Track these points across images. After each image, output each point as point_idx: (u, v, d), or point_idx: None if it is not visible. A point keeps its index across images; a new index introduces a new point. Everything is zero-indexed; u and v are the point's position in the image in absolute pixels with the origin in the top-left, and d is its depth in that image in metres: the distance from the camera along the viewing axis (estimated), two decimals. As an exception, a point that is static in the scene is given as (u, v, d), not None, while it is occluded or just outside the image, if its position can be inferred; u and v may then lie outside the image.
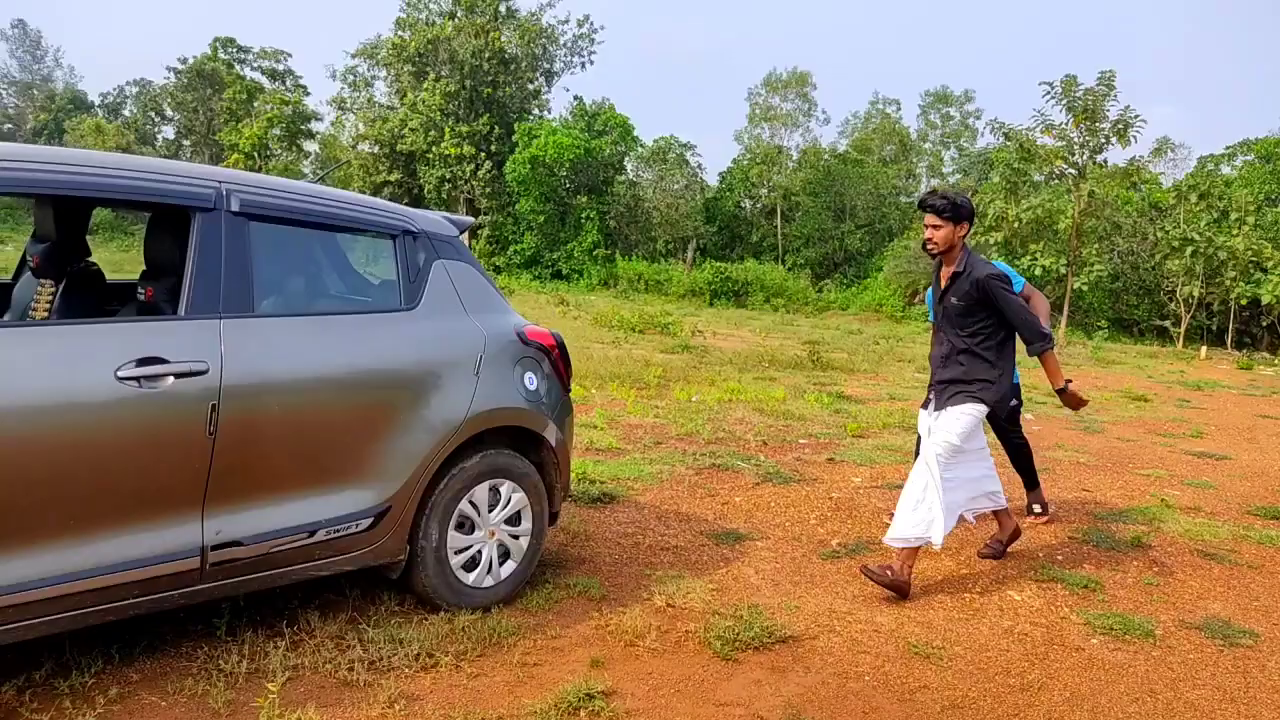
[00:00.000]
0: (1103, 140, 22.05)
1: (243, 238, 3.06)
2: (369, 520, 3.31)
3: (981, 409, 4.33)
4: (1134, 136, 21.42)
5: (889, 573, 4.19)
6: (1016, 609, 4.21)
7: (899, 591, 4.19)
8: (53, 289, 3.53)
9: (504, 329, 3.86)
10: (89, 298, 3.52)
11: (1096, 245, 26.18)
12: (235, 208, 3.05)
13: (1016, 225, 24.82)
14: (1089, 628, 4.02)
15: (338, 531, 3.22)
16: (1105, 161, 22.75)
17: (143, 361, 2.71)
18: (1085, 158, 22.54)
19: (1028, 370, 16.38)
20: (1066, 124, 22.18)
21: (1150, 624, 4.07)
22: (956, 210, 4.24)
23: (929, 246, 4.35)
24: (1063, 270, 24.17)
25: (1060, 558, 5.00)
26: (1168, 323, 28.75)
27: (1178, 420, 10.81)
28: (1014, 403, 5.46)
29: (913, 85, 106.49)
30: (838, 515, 5.55)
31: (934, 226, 4.27)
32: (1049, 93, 21.91)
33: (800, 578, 4.44)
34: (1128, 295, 30.49)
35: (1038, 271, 25.08)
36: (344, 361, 3.28)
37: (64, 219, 3.55)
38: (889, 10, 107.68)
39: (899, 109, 50.21)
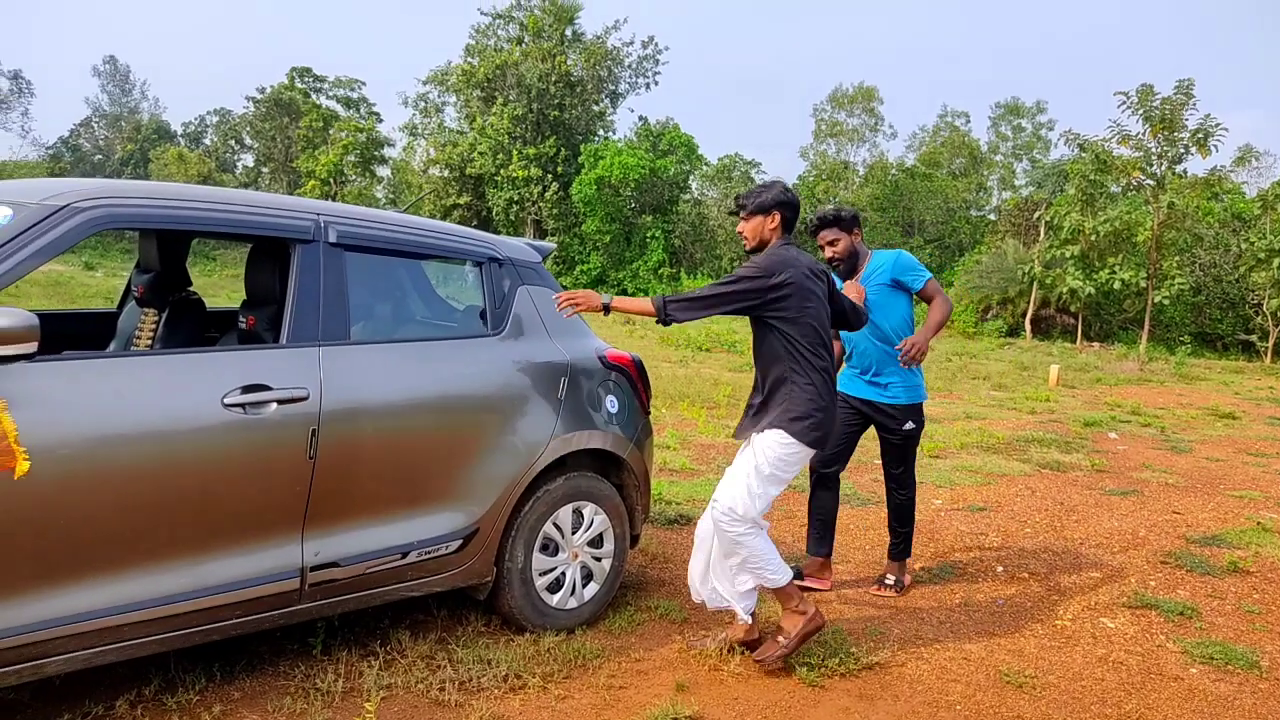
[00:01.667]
0: (1182, 150, 21.42)
1: (340, 268, 3.16)
2: (458, 542, 3.37)
3: (784, 439, 3.49)
4: (1215, 146, 20.78)
5: (779, 644, 3.56)
6: (1110, 636, 4.09)
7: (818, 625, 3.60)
8: (156, 317, 3.69)
9: (586, 352, 3.90)
10: (191, 326, 3.67)
11: (1177, 258, 25.41)
12: (333, 239, 3.15)
13: (1094, 238, 24.22)
14: (1187, 657, 3.89)
15: (428, 553, 3.29)
16: (1185, 172, 22.10)
17: (248, 389, 2.81)
18: (1164, 168, 21.92)
19: (1110, 387, 15.96)
20: (1143, 134, 21.62)
21: (1254, 654, 3.92)
22: (756, 201, 3.64)
23: (744, 244, 3.75)
24: (1143, 284, 23.49)
25: (1153, 583, 4.84)
26: (1254, 337, 27.71)
27: (1269, 439, 10.41)
28: (909, 426, 4.47)
29: (982, 97, 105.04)
30: (919, 538, 5.45)
31: (744, 220, 3.70)
32: (1124, 102, 21.39)
33: (884, 602, 4.38)
34: (1210, 309, 29.51)
35: (1116, 285, 24.46)
36: (435, 386, 3.36)
37: (167, 250, 3.70)
38: (956, 22, 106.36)
39: (968, 121, 49.60)
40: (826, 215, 4.41)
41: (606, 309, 3.45)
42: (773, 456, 3.48)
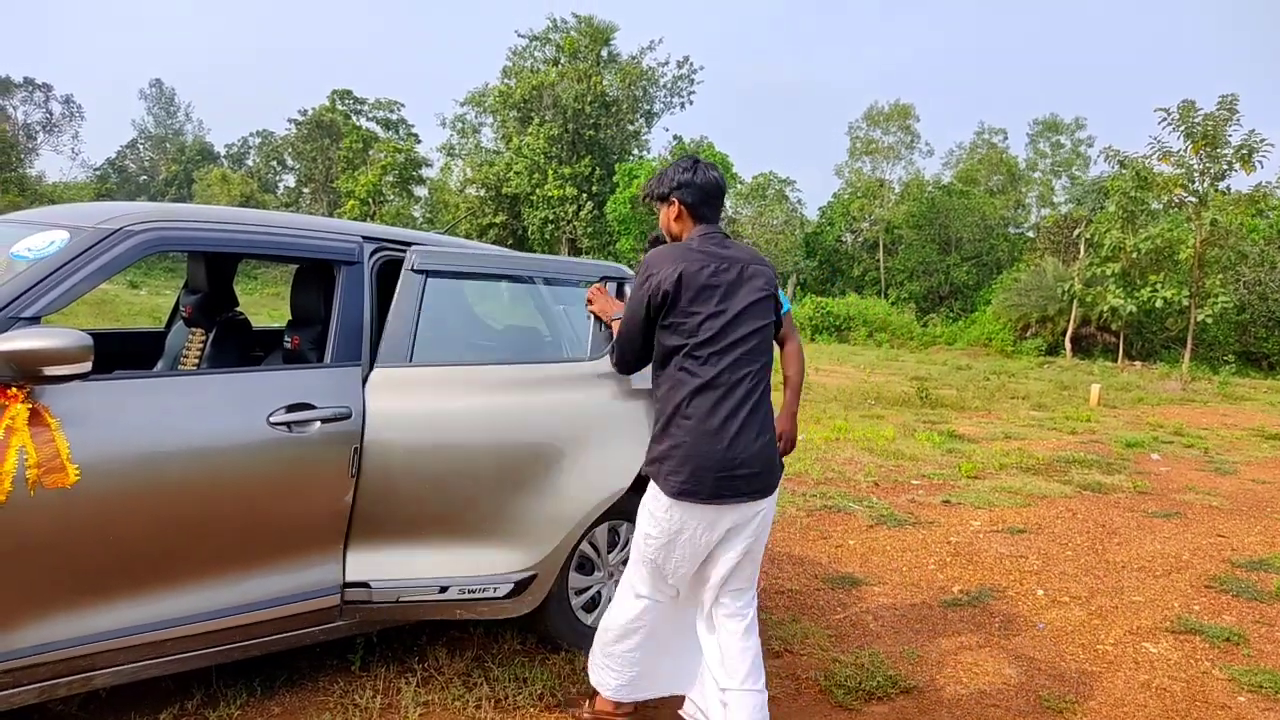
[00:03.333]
0: (1225, 166, 21.14)
1: (419, 293, 3.18)
2: (509, 587, 3.20)
3: (654, 495, 2.74)
4: (1260, 162, 20.48)
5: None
6: (1153, 662, 4.02)
7: None
8: (204, 337, 3.77)
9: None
10: (237, 345, 3.74)
11: (1220, 275, 24.98)
12: (416, 265, 3.17)
13: (1135, 256, 23.91)
14: (1235, 684, 3.81)
15: (472, 593, 3.17)
16: (1228, 188, 21.79)
17: (293, 408, 2.86)
18: (1206, 185, 21.63)
19: (1152, 407, 15.66)
20: (1185, 150, 21.35)
21: (1304, 682, 3.83)
22: (654, 190, 2.98)
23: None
24: (1185, 302, 23.14)
25: (1197, 608, 4.76)
26: (1302, 356, 27.17)
27: (1320, 461, 10.18)
28: None
29: (1020, 114, 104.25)
30: (958, 561, 5.41)
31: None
32: (1165, 119, 21.16)
33: (922, 625, 4.34)
34: (1256, 327, 28.99)
35: (1158, 303, 24.11)
36: (503, 413, 3.23)
37: (215, 272, 3.79)
38: (992, 39, 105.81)
39: (1006, 138, 49.29)
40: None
41: (611, 324, 3.21)
42: (646, 509, 2.79)
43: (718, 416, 2.64)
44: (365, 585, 3.04)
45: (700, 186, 2.86)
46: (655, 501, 2.72)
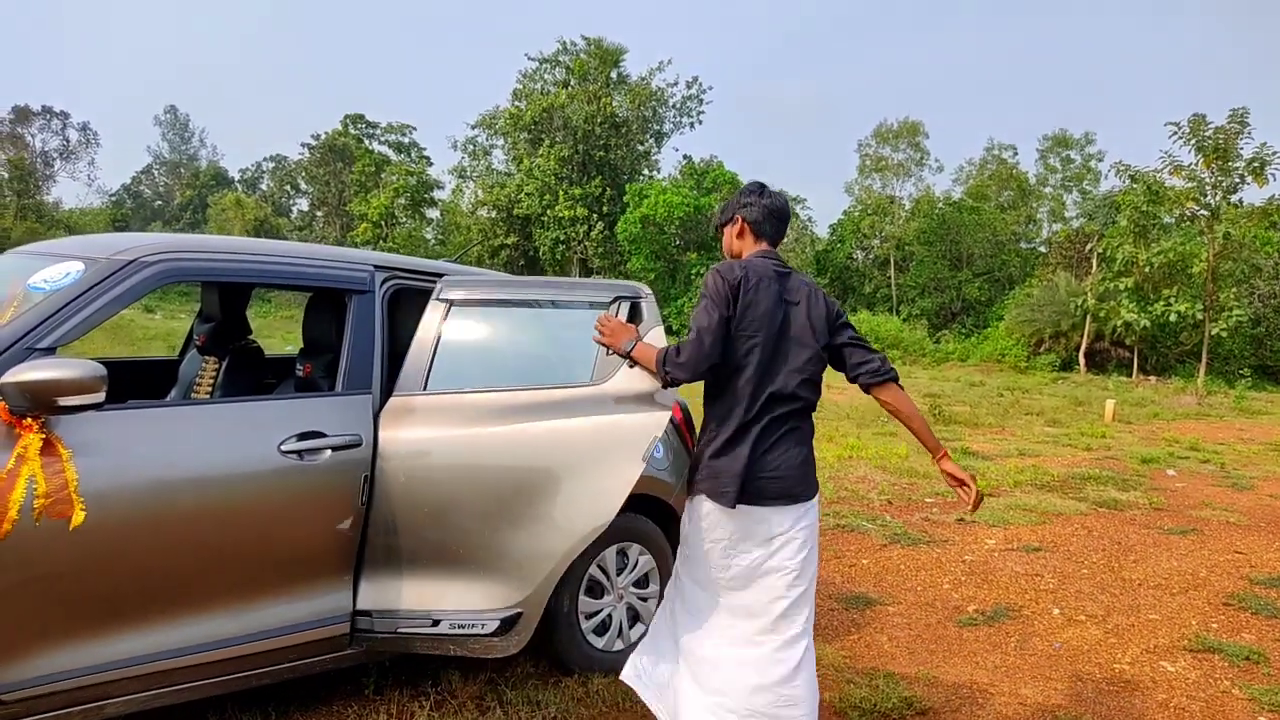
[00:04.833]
0: (1237, 180, 21.08)
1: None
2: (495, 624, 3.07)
3: (700, 502, 2.75)
4: (1272, 174, 20.41)
5: None
6: (1171, 681, 3.99)
7: None
8: (216, 366, 3.80)
9: None
10: (249, 374, 3.77)
11: (1235, 289, 24.86)
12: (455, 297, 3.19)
13: (1148, 270, 23.82)
14: (1255, 704, 3.77)
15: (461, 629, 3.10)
16: (1241, 201, 21.71)
17: (304, 436, 2.88)
18: (1218, 198, 21.56)
19: (1167, 423, 15.54)
20: (1196, 164, 21.30)
21: (1324, 702, 3.79)
22: (722, 215, 3.00)
23: None
24: (1199, 316, 23.01)
25: (1215, 626, 4.71)
26: (1319, 369, 26.94)
27: (1339, 475, 10.08)
28: None
29: (1029, 130, 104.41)
30: (972, 579, 5.38)
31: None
32: (1176, 133, 21.13)
33: (937, 645, 4.31)
34: (1271, 340, 28.78)
35: (1172, 317, 23.98)
36: (498, 440, 3.12)
37: (228, 301, 3.83)
38: (1000, 56, 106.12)
39: (1015, 154, 49.17)
40: None
41: (628, 356, 2.86)
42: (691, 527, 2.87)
43: (752, 436, 2.67)
44: (368, 614, 3.05)
45: (765, 205, 2.87)
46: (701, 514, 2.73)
